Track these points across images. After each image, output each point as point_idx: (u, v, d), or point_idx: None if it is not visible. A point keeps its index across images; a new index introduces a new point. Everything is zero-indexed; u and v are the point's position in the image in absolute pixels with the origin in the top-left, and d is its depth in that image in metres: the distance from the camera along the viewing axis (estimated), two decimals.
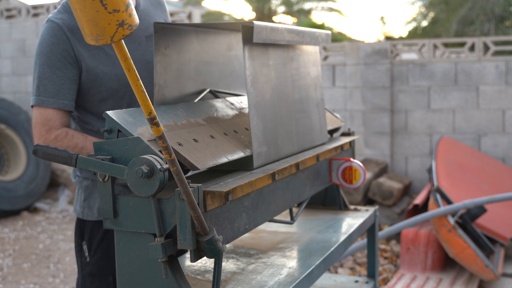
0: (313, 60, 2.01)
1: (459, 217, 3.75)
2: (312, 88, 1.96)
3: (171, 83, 1.67)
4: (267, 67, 1.65)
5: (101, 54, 1.80)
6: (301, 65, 1.90)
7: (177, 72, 1.70)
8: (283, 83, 1.74)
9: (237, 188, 1.31)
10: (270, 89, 1.65)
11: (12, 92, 7.38)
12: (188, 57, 1.74)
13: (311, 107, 1.93)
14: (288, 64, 1.80)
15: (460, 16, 11.65)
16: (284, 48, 1.79)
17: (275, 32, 1.61)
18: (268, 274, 1.52)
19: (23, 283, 4.12)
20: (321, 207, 2.27)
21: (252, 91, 1.54)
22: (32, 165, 6.48)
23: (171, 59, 1.66)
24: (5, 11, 7.36)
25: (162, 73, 1.63)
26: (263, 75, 1.62)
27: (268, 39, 1.57)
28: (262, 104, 1.59)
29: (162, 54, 1.63)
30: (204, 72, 1.83)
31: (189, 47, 1.75)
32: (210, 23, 1.71)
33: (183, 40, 1.72)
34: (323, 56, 6.16)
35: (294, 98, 1.80)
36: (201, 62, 1.81)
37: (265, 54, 1.65)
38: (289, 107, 1.76)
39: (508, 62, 5.52)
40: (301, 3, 17.36)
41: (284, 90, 1.74)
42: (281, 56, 1.76)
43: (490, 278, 3.60)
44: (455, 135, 5.73)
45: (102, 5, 0.96)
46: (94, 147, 1.27)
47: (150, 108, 1.07)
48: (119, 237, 1.27)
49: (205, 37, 1.83)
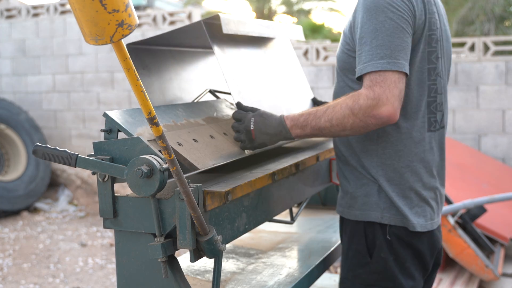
0: (288, 54, 2.01)
1: (459, 217, 3.75)
2: (294, 81, 1.96)
3: (157, 101, 1.68)
4: (241, 60, 1.65)
5: None
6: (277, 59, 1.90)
7: (161, 91, 1.70)
8: (263, 76, 1.75)
9: (236, 188, 1.31)
10: (250, 80, 1.65)
11: (12, 92, 7.38)
12: (169, 76, 1.75)
13: (298, 98, 1.93)
14: (264, 59, 1.80)
15: (460, 16, 11.64)
16: (255, 42, 1.79)
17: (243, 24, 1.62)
18: (268, 274, 1.52)
19: (23, 283, 4.12)
20: (321, 207, 2.27)
21: (231, 80, 1.55)
22: (32, 165, 6.47)
23: (151, 79, 1.66)
24: (5, 11, 7.36)
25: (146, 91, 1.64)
26: (239, 67, 1.62)
27: (237, 31, 1.57)
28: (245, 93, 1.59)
29: (141, 75, 1.63)
30: (188, 89, 1.84)
31: (168, 67, 1.75)
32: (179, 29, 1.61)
33: (160, 59, 1.73)
34: (323, 56, 6.16)
35: (277, 91, 1.81)
36: (183, 80, 1.82)
37: (236, 47, 1.66)
38: (274, 99, 1.76)
39: (508, 62, 5.52)
40: (301, 3, 17.35)
41: (265, 83, 1.74)
42: (253, 51, 1.76)
43: (490, 278, 3.60)
44: (455, 135, 5.73)
45: (101, 5, 0.96)
46: (94, 147, 1.27)
47: (150, 108, 1.07)
48: (119, 237, 1.27)
49: (182, 57, 1.83)
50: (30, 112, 7.13)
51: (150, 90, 1.65)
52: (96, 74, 6.89)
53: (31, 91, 7.30)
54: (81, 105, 7.06)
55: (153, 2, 16.39)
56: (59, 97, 7.17)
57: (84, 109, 7.05)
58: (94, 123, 6.95)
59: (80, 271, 4.36)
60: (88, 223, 5.83)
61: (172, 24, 6.53)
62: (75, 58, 7.02)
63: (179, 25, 6.50)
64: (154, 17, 6.59)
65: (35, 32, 7.20)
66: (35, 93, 7.28)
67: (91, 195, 6.58)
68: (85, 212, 6.26)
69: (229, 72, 1.55)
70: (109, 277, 4.22)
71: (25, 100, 7.27)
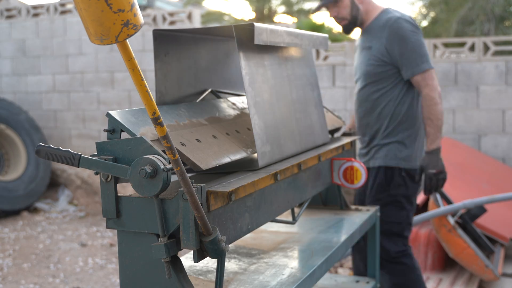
0: (308, 61, 2.01)
1: (459, 217, 3.76)
2: (309, 88, 1.97)
3: (171, 90, 1.67)
4: (262, 67, 1.65)
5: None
6: (296, 65, 1.90)
7: (177, 79, 1.70)
8: (280, 83, 1.75)
9: (240, 188, 1.31)
10: (268, 88, 1.65)
11: (12, 92, 7.38)
12: (188, 64, 1.75)
13: (310, 107, 1.93)
14: (283, 65, 1.80)
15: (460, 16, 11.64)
16: (278, 49, 1.79)
17: (275, 34, 1.61)
18: (270, 274, 1.52)
19: (23, 283, 4.12)
20: (322, 207, 2.28)
21: (251, 90, 1.54)
22: (32, 165, 6.47)
23: (171, 66, 1.66)
24: (5, 11, 7.36)
25: (163, 80, 1.63)
26: (259, 75, 1.62)
27: (268, 41, 1.57)
28: (261, 103, 1.59)
29: (162, 61, 1.63)
30: (203, 78, 1.84)
31: (188, 54, 1.75)
32: (209, 28, 1.69)
33: (182, 47, 1.72)
34: (323, 56, 6.16)
35: (292, 98, 1.81)
36: (200, 68, 1.82)
37: (260, 55, 1.66)
38: (288, 107, 1.76)
39: (508, 62, 5.53)
40: (301, 3, 17.35)
41: (281, 90, 1.74)
42: (275, 57, 1.76)
43: (490, 278, 3.61)
44: (455, 135, 5.73)
45: (107, 4, 0.96)
46: (96, 147, 1.27)
47: (154, 108, 1.07)
48: (122, 237, 1.27)
49: (204, 44, 1.83)
50: (30, 112, 7.13)
51: (167, 78, 1.65)
52: (96, 74, 6.89)
53: (31, 91, 7.30)
54: (81, 105, 7.06)
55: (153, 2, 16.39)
56: (59, 97, 7.17)
57: (84, 109, 7.05)
58: (94, 123, 6.95)
59: (80, 271, 4.36)
60: (88, 223, 5.83)
61: (172, 24, 6.52)
62: (75, 58, 7.02)
63: (179, 25, 6.50)
64: (154, 17, 6.59)
65: (35, 32, 7.19)
66: (35, 93, 7.28)
67: (91, 195, 6.58)
68: (85, 212, 6.26)
69: (249, 80, 1.55)
70: (109, 277, 4.22)
71: (25, 100, 7.27)
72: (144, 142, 1.21)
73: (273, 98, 1.67)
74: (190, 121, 1.50)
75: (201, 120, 1.55)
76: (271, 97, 1.66)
